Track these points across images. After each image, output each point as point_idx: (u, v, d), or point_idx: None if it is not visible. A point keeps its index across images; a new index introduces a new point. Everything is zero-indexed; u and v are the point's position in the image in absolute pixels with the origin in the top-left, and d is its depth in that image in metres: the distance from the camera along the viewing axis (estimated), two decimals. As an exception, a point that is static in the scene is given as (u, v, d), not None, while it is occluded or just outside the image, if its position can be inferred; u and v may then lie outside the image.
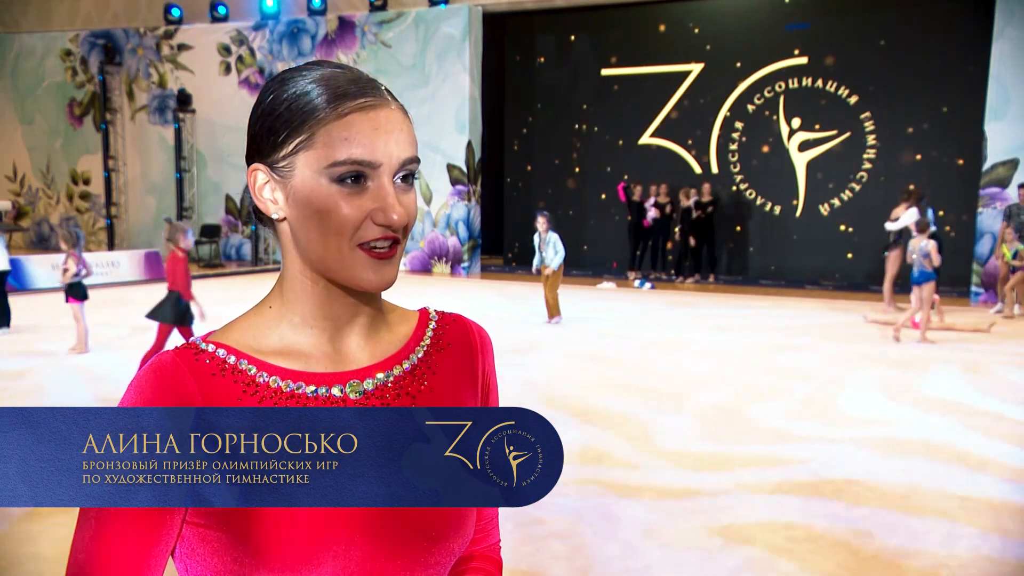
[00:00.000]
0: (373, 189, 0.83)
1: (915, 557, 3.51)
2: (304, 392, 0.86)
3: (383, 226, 0.83)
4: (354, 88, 0.84)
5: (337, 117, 0.82)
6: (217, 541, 0.81)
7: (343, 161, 0.82)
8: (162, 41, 17.62)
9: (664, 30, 15.24)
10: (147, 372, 0.83)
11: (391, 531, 0.85)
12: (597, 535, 3.70)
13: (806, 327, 9.47)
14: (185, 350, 0.85)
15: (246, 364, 0.85)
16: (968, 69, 12.76)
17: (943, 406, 6.00)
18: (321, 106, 0.83)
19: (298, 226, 0.86)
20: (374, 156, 0.82)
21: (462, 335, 0.99)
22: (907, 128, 13.60)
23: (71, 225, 8.82)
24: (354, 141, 0.82)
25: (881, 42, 13.60)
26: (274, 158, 0.85)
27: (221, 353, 0.85)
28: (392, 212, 0.83)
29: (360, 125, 0.82)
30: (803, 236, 14.45)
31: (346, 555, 0.83)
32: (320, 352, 0.89)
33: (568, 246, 17.02)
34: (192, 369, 0.83)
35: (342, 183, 0.82)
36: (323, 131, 0.82)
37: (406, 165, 0.85)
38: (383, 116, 0.84)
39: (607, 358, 7.58)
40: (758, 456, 4.84)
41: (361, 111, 0.83)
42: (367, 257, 0.84)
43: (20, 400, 5.95)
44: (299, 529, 0.81)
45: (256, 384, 0.85)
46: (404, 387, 0.91)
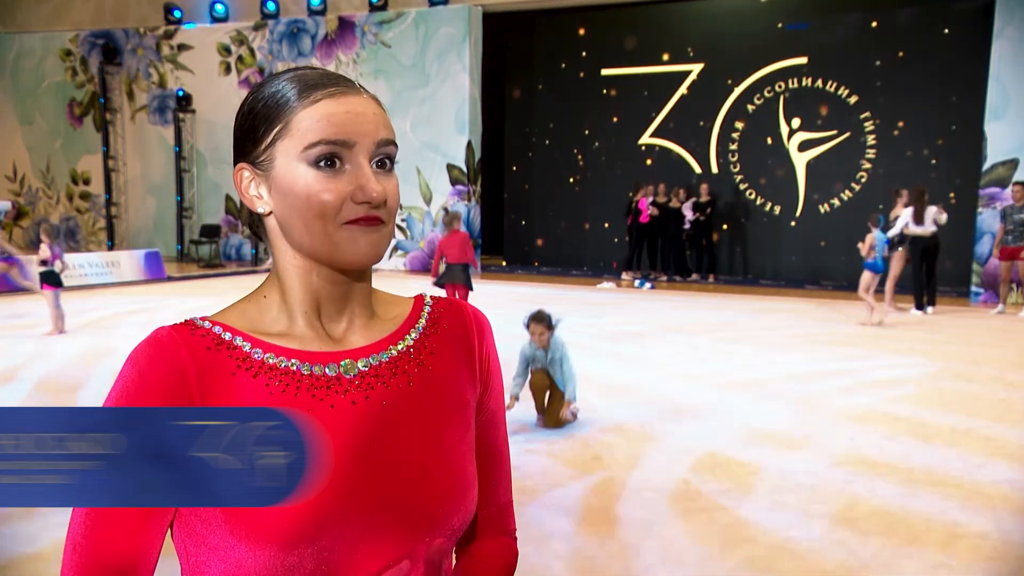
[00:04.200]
0: (350, 171, 0.85)
1: (915, 556, 3.51)
2: (299, 369, 0.86)
3: (363, 204, 0.84)
4: (325, 80, 0.87)
5: (310, 103, 0.85)
6: (213, 517, 0.82)
7: (317, 143, 0.84)
8: (162, 41, 17.62)
9: (664, 30, 15.24)
10: (143, 345, 0.84)
11: (389, 510, 0.85)
12: (597, 535, 3.70)
13: (806, 327, 9.48)
14: (182, 326, 0.86)
15: (241, 341, 0.86)
16: (968, 69, 12.76)
17: (947, 403, 6.01)
18: (293, 97, 0.86)
19: (283, 216, 0.87)
20: (347, 135, 0.84)
21: (458, 318, 0.99)
22: (907, 128, 13.61)
23: (57, 223, 10.00)
24: (326, 122, 0.84)
25: (881, 42, 13.60)
26: (255, 154, 0.88)
27: (217, 330, 0.86)
28: (370, 189, 0.84)
29: (331, 108, 0.85)
30: (803, 236, 14.45)
31: (343, 533, 0.83)
32: (315, 335, 0.90)
33: (568, 246, 17.15)
34: (187, 343, 0.84)
35: (319, 167, 0.84)
36: (296, 118, 0.85)
37: (381, 147, 0.86)
38: (354, 101, 0.86)
39: (607, 358, 7.58)
40: (758, 456, 4.84)
41: (331, 97, 0.85)
42: (353, 228, 0.85)
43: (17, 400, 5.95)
44: (295, 504, 0.80)
45: (251, 360, 0.85)
46: (400, 367, 0.91)
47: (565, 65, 16.12)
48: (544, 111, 16.38)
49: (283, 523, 0.80)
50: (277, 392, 0.84)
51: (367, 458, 0.86)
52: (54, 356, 7.46)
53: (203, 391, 0.82)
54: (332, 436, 0.84)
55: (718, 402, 6.09)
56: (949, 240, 13.04)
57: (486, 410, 1.00)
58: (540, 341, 5.35)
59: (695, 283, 14.04)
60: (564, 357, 5.32)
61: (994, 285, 11.62)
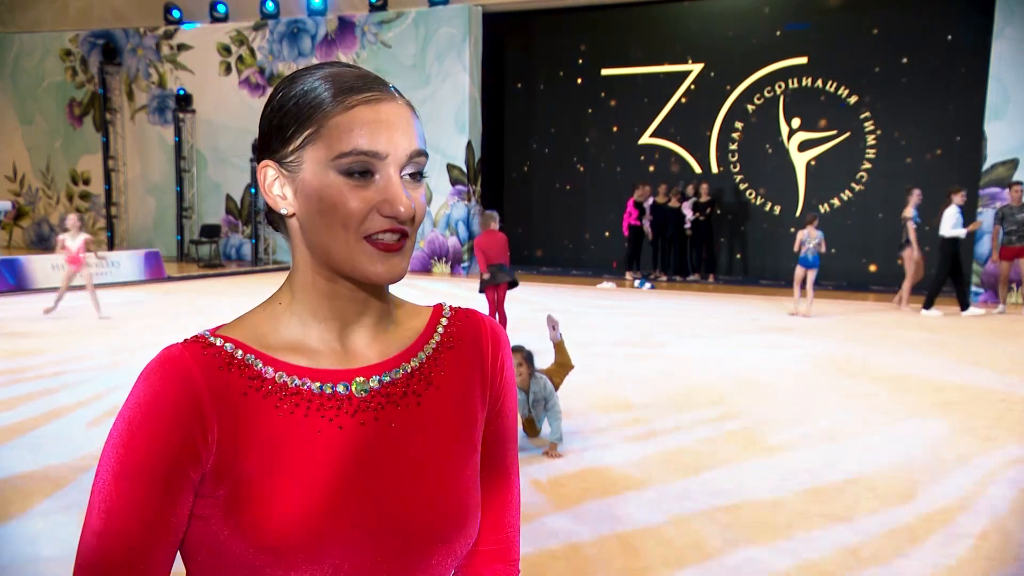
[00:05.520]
0: (380, 182, 0.83)
1: (915, 556, 3.51)
2: (310, 388, 0.86)
3: (390, 217, 0.83)
4: (360, 83, 0.85)
5: (343, 110, 0.83)
6: (221, 534, 0.81)
7: (349, 152, 0.82)
8: (162, 41, 17.61)
9: (664, 30, 15.24)
10: (155, 364, 0.83)
11: (392, 532, 0.85)
12: (597, 535, 3.70)
13: (804, 325, 9.48)
14: (193, 343, 0.85)
15: (252, 359, 0.85)
16: (968, 69, 12.76)
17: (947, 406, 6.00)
18: (327, 100, 0.84)
19: (306, 220, 0.86)
20: (379, 147, 0.83)
21: (473, 332, 0.97)
22: (907, 128, 13.60)
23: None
24: (359, 132, 0.82)
25: (881, 42, 13.60)
26: (283, 153, 0.86)
27: (228, 347, 0.85)
28: (398, 203, 0.82)
29: (365, 117, 0.83)
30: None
31: (346, 554, 0.83)
32: (328, 349, 0.89)
33: (568, 246, 17.13)
34: (199, 362, 0.83)
35: (349, 176, 0.83)
36: (329, 124, 0.83)
37: (413, 159, 0.85)
38: (389, 109, 0.84)
39: (607, 357, 7.58)
40: (758, 456, 4.84)
41: (367, 104, 0.83)
42: (373, 249, 0.84)
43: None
44: (302, 524, 0.81)
45: (263, 379, 0.84)
46: (411, 385, 0.90)
47: (565, 65, 16.11)
48: (544, 111, 16.37)
49: (288, 546, 0.80)
50: (287, 413, 0.84)
51: (372, 480, 0.86)
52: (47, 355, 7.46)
53: (216, 411, 0.82)
54: (340, 457, 0.84)
55: (720, 400, 6.09)
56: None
57: (496, 427, 0.98)
58: (519, 380, 4.72)
59: (695, 283, 14.05)
60: (548, 396, 4.81)
61: (994, 285, 11.62)
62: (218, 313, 9.86)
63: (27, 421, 5.38)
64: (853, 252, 13.99)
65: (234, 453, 0.82)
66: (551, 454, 4.76)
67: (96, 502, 0.80)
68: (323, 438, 0.84)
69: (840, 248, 13.85)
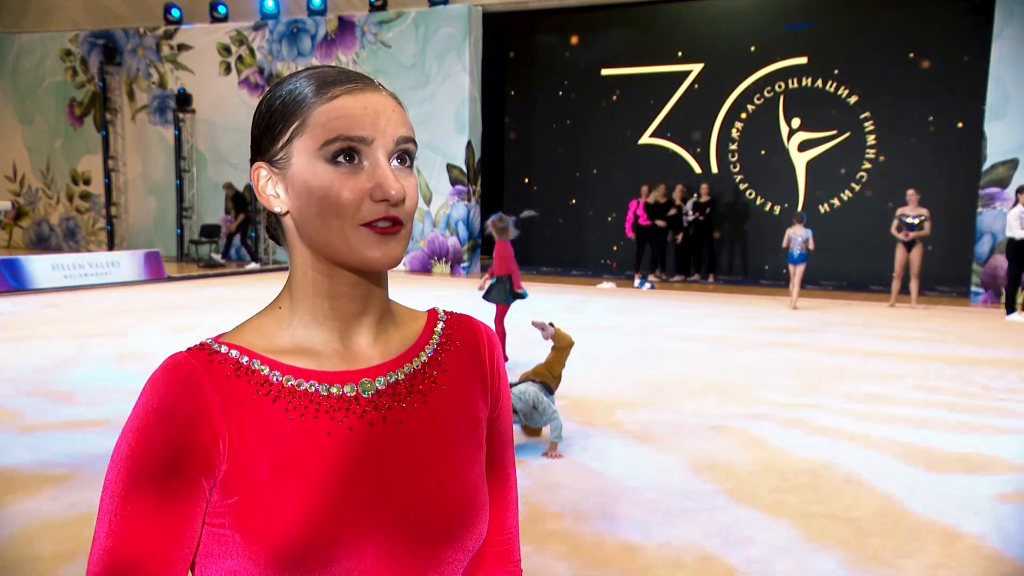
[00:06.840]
0: (369, 168, 0.84)
1: (915, 556, 3.51)
2: (317, 391, 0.86)
3: (382, 202, 0.83)
4: (343, 77, 0.86)
5: (327, 100, 0.84)
6: (232, 542, 0.81)
7: (334, 139, 0.82)
8: (162, 41, 17.62)
9: (664, 30, 15.25)
10: (162, 372, 0.82)
11: (406, 531, 0.85)
12: (597, 535, 3.70)
13: (804, 325, 9.48)
14: (198, 351, 0.84)
15: (259, 364, 0.85)
16: (968, 69, 12.77)
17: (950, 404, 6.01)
18: (310, 94, 0.85)
19: (300, 215, 0.86)
20: (365, 131, 0.83)
21: (470, 334, 0.98)
22: (907, 128, 13.61)
23: None
24: (344, 118, 0.83)
25: (881, 42, 13.60)
26: (272, 152, 0.87)
27: (234, 354, 0.85)
28: (388, 187, 0.82)
29: (349, 104, 0.84)
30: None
31: (360, 555, 0.82)
32: (331, 350, 0.89)
33: (568, 246, 17.13)
34: (207, 369, 0.83)
35: (337, 164, 0.83)
36: (314, 114, 0.84)
37: (401, 144, 0.86)
38: (372, 98, 0.85)
39: (606, 357, 7.58)
40: (758, 457, 4.84)
41: (349, 93, 0.84)
42: (371, 233, 0.84)
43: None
44: (313, 529, 0.80)
45: (270, 384, 0.84)
46: (415, 385, 0.91)
47: (565, 65, 16.12)
48: (544, 111, 16.38)
49: (303, 550, 0.80)
50: (296, 416, 0.84)
51: (384, 479, 0.86)
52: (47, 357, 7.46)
53: (226, 418, 0.81)
54: (351, 459, 0.84)
55: (720, 400, 6.09)
56: (949, 240, 13.05)
57: (495, 428, 0.99)
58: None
59: (695, 283, 14.05)
60: (537, 403, 4.76)
61: (994, 285, 11.61)
62: (218, 313, 9.86)
63: (27, 421, 5.38)
64: (853, 252, 13.99)
65: (246, 459, 0.81)
66: (551, 454, 4.76)
67: (105, 517, 0.79)
68: (333, 440, 0.84)
69: (840, 248, 13.86)
